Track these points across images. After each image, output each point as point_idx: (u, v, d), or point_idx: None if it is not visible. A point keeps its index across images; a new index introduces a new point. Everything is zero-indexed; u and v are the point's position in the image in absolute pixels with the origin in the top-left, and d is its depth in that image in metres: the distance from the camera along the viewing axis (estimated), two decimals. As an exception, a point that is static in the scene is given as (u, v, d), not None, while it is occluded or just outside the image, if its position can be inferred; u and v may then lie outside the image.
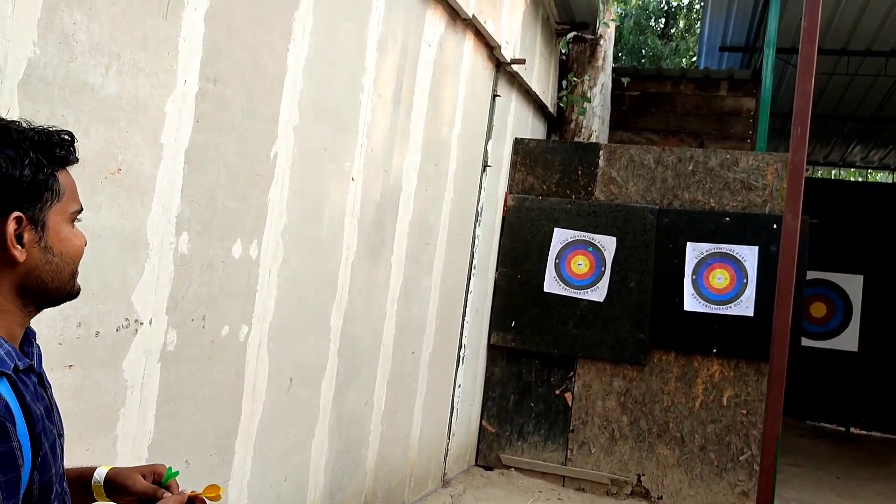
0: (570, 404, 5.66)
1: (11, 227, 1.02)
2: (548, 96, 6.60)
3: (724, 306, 5.34)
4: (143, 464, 1.62)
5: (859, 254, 9.41)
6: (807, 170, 5.25)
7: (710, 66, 8.63)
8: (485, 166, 5.35)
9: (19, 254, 1.04)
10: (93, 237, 2.05)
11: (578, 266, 5.70)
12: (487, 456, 5.82)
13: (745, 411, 5.30)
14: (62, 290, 1.14)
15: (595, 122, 6.72)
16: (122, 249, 2.18)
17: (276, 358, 3.03)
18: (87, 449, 2.09)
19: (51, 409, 1.13)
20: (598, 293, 5.62)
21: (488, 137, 5.36)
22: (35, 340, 1.18)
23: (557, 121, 6.90)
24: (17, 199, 1.03)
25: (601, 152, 5.80)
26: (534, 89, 6.11)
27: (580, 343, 5.63)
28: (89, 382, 2.11)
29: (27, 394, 1.05)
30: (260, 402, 2.96)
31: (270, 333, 2.98)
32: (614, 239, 5.62)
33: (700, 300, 5.38)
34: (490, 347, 5.86)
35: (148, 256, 2.28)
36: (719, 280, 5.37)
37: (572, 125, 6.72)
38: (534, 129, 6.52)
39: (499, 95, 5.42)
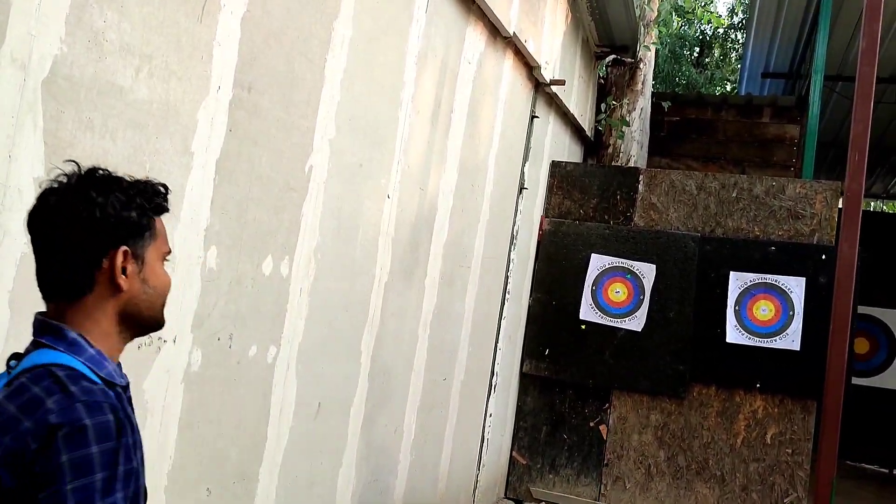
0: (604, 437, 5.44)
1: (119, 258, 1.19)
2: (585, 119, 6.46)
3: (768, 339, 5.11)
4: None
5: (903, 289, 9.08)
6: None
7: (752, 92, 8.44)
8: (521, 189, 5.20)
9: (124, 283, 1.20)
10: (116, 248, 1.94)
11: (616, 294, 5.50)
12: (517, 489, 5.60)
13: (790, 450, 5.04)
14: (154, 320, 1.28)
15: (633, 146, 6.55)
16: (147, 262, 2.06)
17: (305, 381, 2.89)
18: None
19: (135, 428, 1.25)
20: (636, 322, 5.42)
21: (525, 159, 5.22)
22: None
23: (595, 144, 6.75)
24: (126, 236, 1.20)
25: (641, 177, 5.63)
26: (572, 111, 5.97)
27: (616, 374, 5.42)
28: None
29: (127, 408, 1.22)
30: (287, 427, 2.81)
31: (300, 356, 2.84)
32: (654, 266, 5.43)
33: (743, 332, 5.16)
34: (522, 376, 5.67)
35: (174, 270, 2.15)
36: (764, 312, 5.15)
37: (610, 149, 6.57)
38: (571, 152, 6.38)
39: (537, 117, 5.29)
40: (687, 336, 5.29)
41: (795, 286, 5.10)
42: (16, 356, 1.20)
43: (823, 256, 5.06)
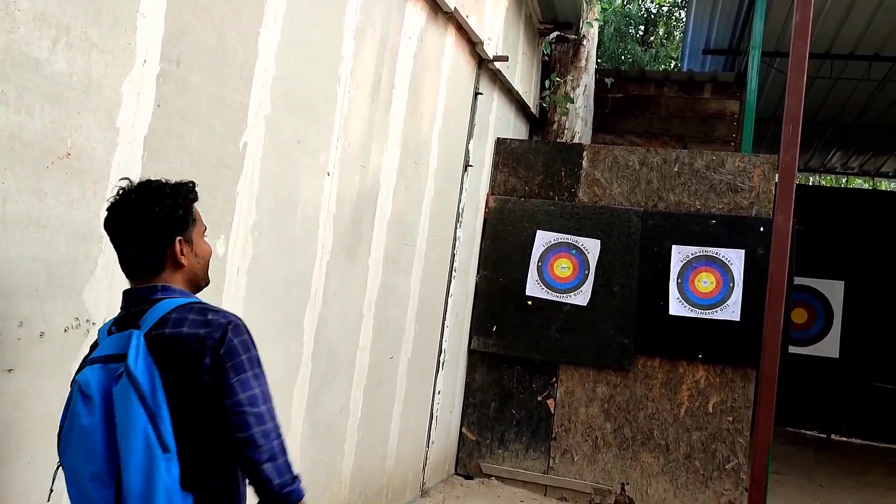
0: (552, 411, 5.51)
1: (178, 246, 1.65)
2: (530, 96, 6.46)
3: (710, 311, 5.22)
4: None
5: (840, 260, 9.38)
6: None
7: (694, 68, 8.56)
8: (466, 166, 5.19)
9: (184, 260, 1.67)
10: (36, 228, 1.86)
11: (561, 269, 5.55)
12: (467, 465, 5.64)
13: (731, 418, 5.17)
14: (205, 279, 1.76)
15: (578, 123, 6.59)
16: (71, 242, 1.99)
17: (245, 362, 2.84)
18: (28, 463, 1.89)
19: None
20: (581, 297, 5.48)
21: (470, 136, 5.20)
22: None
23: (540, 122, 6.77)
24: (179, 229, 1.65)
25: (585, 153, 5.67)
26: (516, 88, 5.97)
27: (563, 348, 5.48)
28: (33, 389, 1.91)
29: None
30: (226, 409, 2.76)
31: (238, 336, 2.79)
32: (598, 242, 5.49)
33: (686, 304, 5.26)
34: (470, 353, 5.69)
35: (102, 250, 2.09)
36: (705, 284, 5.25)
37: (555, 126, 6.59)
38: (516, 129, 6.38)
39: (481, 93, 5.28)
40: (631, 309, 5.37)
41: (735, 258, 5.21)
42: (118, 322, 1.62)
43: (762, 229, 5.17)
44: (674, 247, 5.32)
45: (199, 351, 1.53)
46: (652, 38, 18.56)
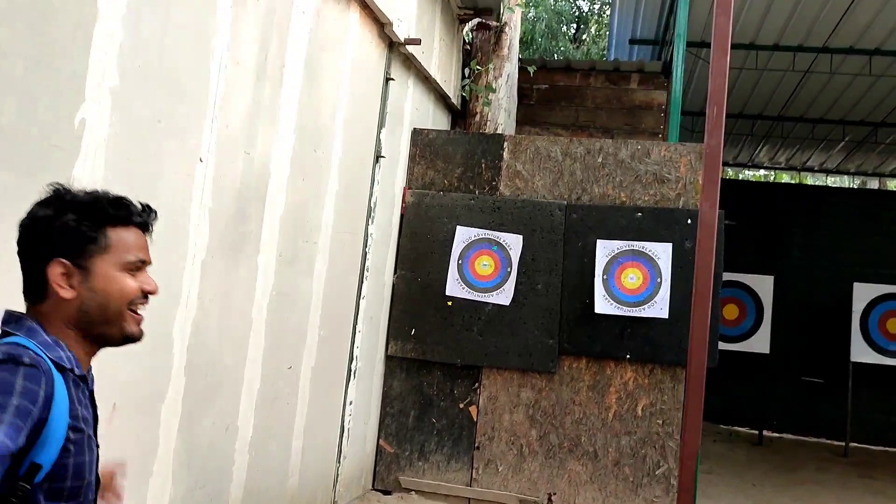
0: (474, 419, 5.17)
1: (56, 269, 1.33)
2: (451, 86, 6.12)
3: (637, 308, 4.95)
4: None
5: (770, 254, 9.34)
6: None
7: (621, 59, 8.36)
8: (378, 157, 4.81)
9: (63, 292, 1.34)
10: None
11: (483, 267, 5.22)
12: (385, 479, 5.26)
13: (660, 421, 4.92)
14: (111, 328, 1.40)
15: (501, 114, 6.28)
16: None
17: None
18: None
19: (93, 422, 1.46)
20: (503, 296, 5.16)
21: (381, 125, 4.83)
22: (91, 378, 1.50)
23: (462, 113, 6.43)
24: (65, 248, 1.33)
25: (506, 144, 5.35)
26: (434, 76, 5.61)
27: (485, 351, 5.15)
28: None
29: (76, 393, 1.36)
30: (67, 436, 2.32)
31: (80, 349, 2.35)
32: (520, 237, 5.18)
33: (612, 302, 4.98)
34: (388, 358, 5.31)
35: None
36: (632, 280, 4.99)
37: (477, 118, 6.27)
38: (436, 120, 6.03)
39: (392, 79, 4.90)
40: (556, 308, 5.08)
41: (662, 252, 4.96)
42: None
43: (689, 221, 4.94)
44: (599, 241, 5.05)
45: None
46: (584, 37, 18.53)
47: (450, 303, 5.22)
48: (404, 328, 5.27)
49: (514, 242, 5.18)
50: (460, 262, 5.25)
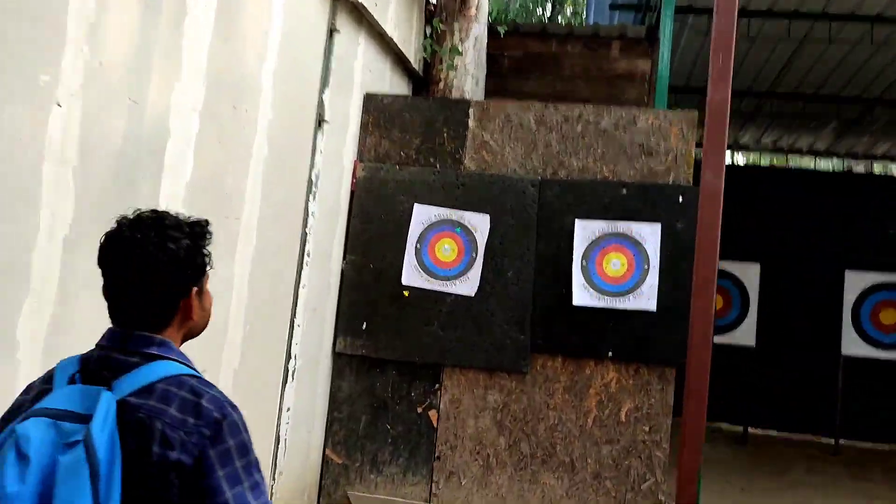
0: (434, 425, 4.51)
1: (193, 298, 1.42)
2: (411, 49, 5.42)
3: (621, 298, 4.31)
4: None
5: (755, 241, 8.76)
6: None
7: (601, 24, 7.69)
8: (320, 121, 4.11)
9: (195, 314, 1.45)
10: None
11: (444, 252, 4.55)
12: (332, 494, 4.58)
13: (647, 428, 4.29)
14: (200, 332, 1.52)
15: (468, 81, 5.60)
16: None
17: None
18: None
19: None
20: (468, 285, 4.49)
21: (325, 84, 4.12)
22: None
23: (424, 81, 5.74)
24: (198, 277, 1.44)
25: (471, 111, 4.67)
26: (390, 35, 4.91)
27: (447, 348, 4.48)
28: None
29: None
30: None
31: None
32: (487, 217, 4.51)
33: (592, 292, 4.34)
34: (336, 356, 4.63)
35: None
36: (615, 266, 4.35)
37: (441, 85, 5.58)
38: (393, 86, 5.33)
39: (338, 31, 4.19)
40: (528, 299, 4.42)
41: (650, 234, 4.32)
42: (85, 368, 1.33)
43: (681, 198, 4.31)
44: (577, 222, 4.40)
45: (182, 444, 1.27)
46: (565, 2, 17.82)
47: (406, 293, 4.54)
48: (354, 322, 4.59)
49: (480, 223, 4.51)
50: (418, 246, 4.57)
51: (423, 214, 4.58)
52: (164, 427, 1.27)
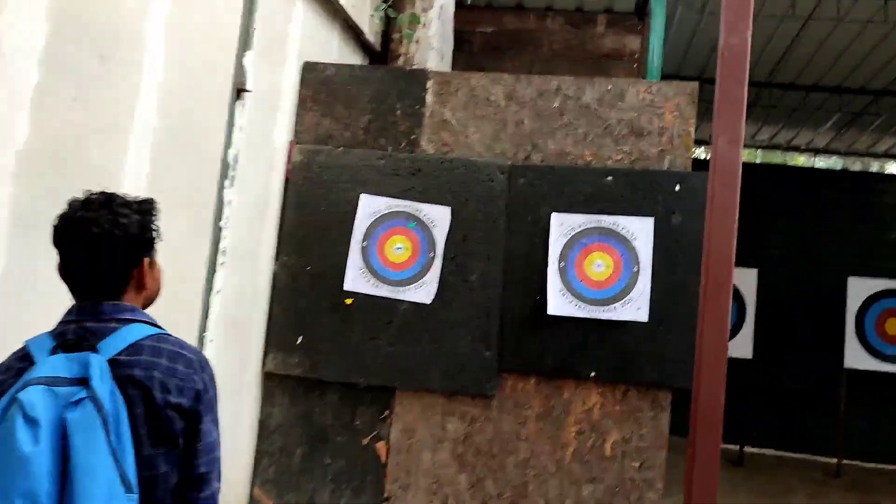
0: (383, 459, 3.75)
1: (145, 266, 1.57)
2: (365, 17, 4.68)
3: (605, 307, 3.58)
4: None
5: (751, 245, 8.06)
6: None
7: None
8: (239, 91, 3.36)
9: (149, 283, 1.60)
10: None
11: (396, 251, 3.80)
12: (260, 542, 3.81)
13: (637, 464, 3.55)
14: (154, 300, 1.65)
15: (431, 56, 4.87)
16: None
17: None
18: None
19: None
20: (424, 291, 3.74)
21: (245, 46, 3.37)
22: None
23: (381, 56, 5.01)
24: (149, 248, 1.59)
25: (429, 83, 3.93)
26: (337, -2, 4.17)
27: (399, 367, 3.73)
28: None
29: None
30: None
31: None
32: (448, 210, 3.77)
33: (571, 299, 3.60)
34: (265, 377, 3.86)
35: None
36: (598, 268, 3.61)
37: (400, 61, 4.85)
38: (343, 59, 4.59)
39: (262, -19, 3.45)
40: (495, 308, 3.68)
41: (640, 230, 3.59)
42: (63, 340, 1.43)
43: (678, 187, 3.59)
44: (554, 215, 3.67)
45: (179, 389, 1.46)
46: None
47: (350, 301, 3.79)
48: (288, 336, 3.83)
49: (439, 217, 3.77)
50: (365, 244, 3.82)
51: (370, 206, 3.83)
52: (160, 376, 1.43)
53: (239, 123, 3.37)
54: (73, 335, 1.43)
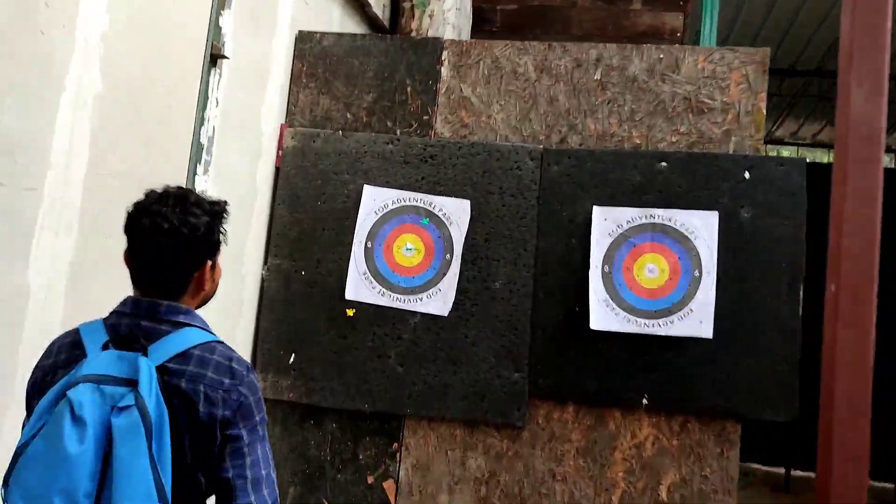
0: (392, 501, 3.13)
1: (207, 270, 1.55)
2: (372, -12, 4.09)
3: (660, 321, 2.95)
4: None
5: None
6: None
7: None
8: (215, 58, 2.77)
9: (208, 285, 1.59)
10: None
11: (406, 253, 3.19)
12: None
13: (700, 511, 2.91)
14: (208, 301, 1.65)
15: (447, 32, 4.27)
16: None
17: None
18: None
19: None
20: (438, 300, 3.13)
21: (222, 4, 2.78)
22: None
23: (389, 33, 4.41)
24: (213, 252, 1.57)
25: (445, 54, 3.32)
26: (337, -42, 3.58)
27: (409, 391, 3.12)
28: None
29: None
30: None
31: None
32: (467, 204, 3.15)
33: (618, 311, 2.97)
34: (252, 401, 3.25)
35: None
36: (651, 274, 2.99)
37: (413, 36, 4.24)
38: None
39: (244, -74, 2.86)
40: (525, 322, 3.06)
41: (702, 227, 2.96)
42: (116, 335, 1.45)
43: (747, 174, 2.95)
44: (597, 210, 3.04)
45: (224, 402, 1.43)
46: None
47: (351, 312, 3.18)
48: (278, 353, 3.22)
49: (457, 212, 3.16)
50: (369, 244, 3.21)
51: (376, 200, 3.22)
52: (206, 388, 1.42)
53: (214, 96, 2.78)
54: (125, 330, 1.44)
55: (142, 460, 1.29)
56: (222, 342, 1.52)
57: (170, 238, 1.46)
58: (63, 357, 1.44)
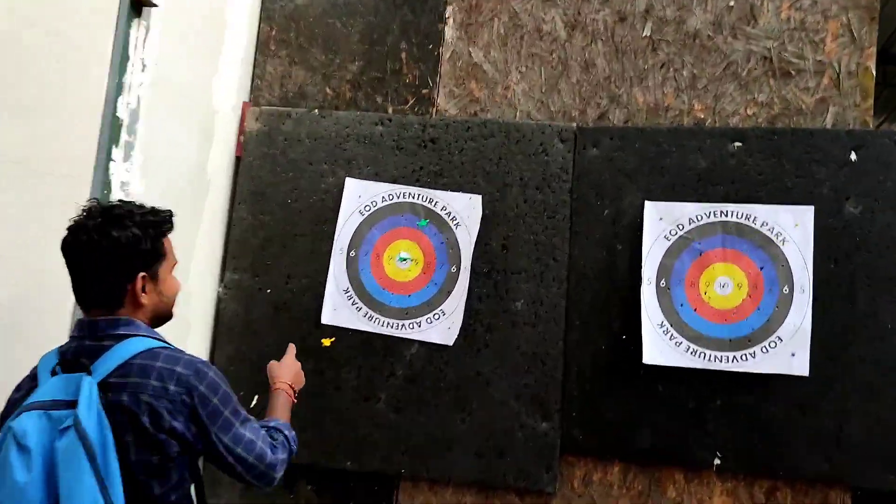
0: (383, 589, 2.40)
1: (139, 283, 1.46)
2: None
3: (737, 354, 2.20)
4: None
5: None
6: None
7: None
8: (138, 5, 2.07)
9: (145, 299, 1.48)
10: None
11: (400, 264, 2.48)
12: None
13: None
14: (167, 317, 1.57)
15: None
16: None
17: None
18: None
19: None
20: (443, 327, 2.41)
21: (149, -67, 2.09)
22: None
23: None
24: (144, 264, 1.47)
25: (450, 10, 2.61)
26: None
27: (406, 443, 2.40)
28: None
29: None
30: None
31: None
32: (478, 200, 2.44)
33: (680, 339, 2.23)
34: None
35: None
36: (724, 290, 2.25)
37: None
38: None
39: None
40: (555, 354, 2.33)
41: (792, 226, 2.22)
42: (64, 360, 1.41)
43: (853, 156, 2.21)
44: (648, 205, 2.31)
45: (170, 413, 1.37)
46: None
47: (329, 341, 2.46)
48: (237, 395, 2.51)
49: (464, 211, 2.44)
50: (353, 253, 2.50)
51: (361, 196, 2.51)
52: (149, 399, 1.36)
53: (138, 56, 2.08)
54: (71, 354, 1.42)
55: (86, 480, 1.27)
56: (169, 346, 1.46)
57: (89, 252, 1.42)
58: (23, 391, 1.42)
